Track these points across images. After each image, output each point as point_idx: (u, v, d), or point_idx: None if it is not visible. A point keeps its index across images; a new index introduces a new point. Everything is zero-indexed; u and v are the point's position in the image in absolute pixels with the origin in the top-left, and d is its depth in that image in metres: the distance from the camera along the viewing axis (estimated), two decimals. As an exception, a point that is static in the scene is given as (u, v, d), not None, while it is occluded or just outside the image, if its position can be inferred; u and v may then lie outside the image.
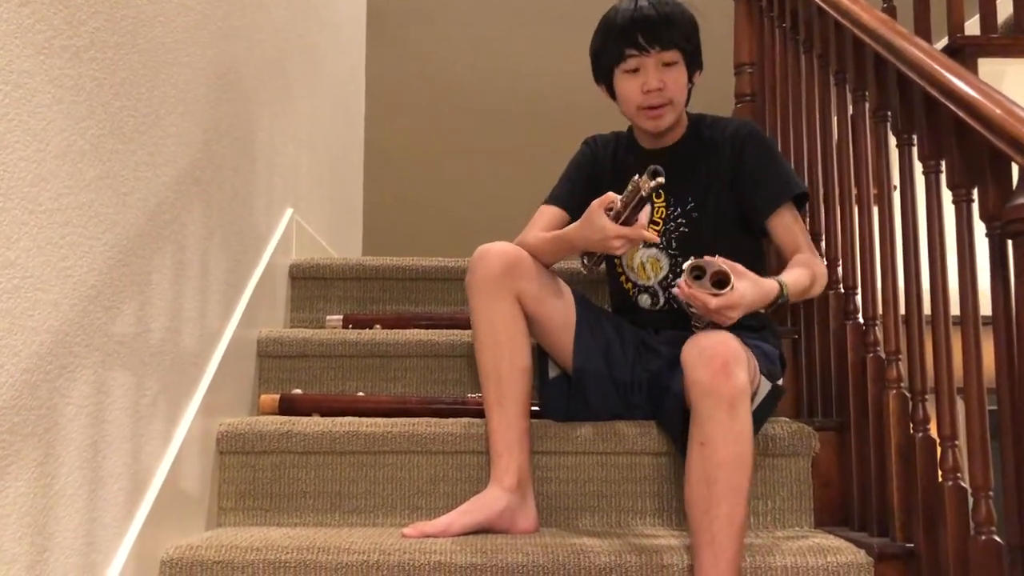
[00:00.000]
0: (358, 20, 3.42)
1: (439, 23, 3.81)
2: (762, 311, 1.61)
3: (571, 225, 1.72)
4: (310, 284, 2.34)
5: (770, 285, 1.58)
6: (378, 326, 2.21)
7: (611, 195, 1.62)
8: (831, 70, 1.90)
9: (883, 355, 1.66)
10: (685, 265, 1.53)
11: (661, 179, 1.53)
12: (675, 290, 1.55)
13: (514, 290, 1.71)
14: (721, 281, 1.50)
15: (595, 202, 1.64)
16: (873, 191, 1.79)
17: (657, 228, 1.82)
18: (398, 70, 3.78)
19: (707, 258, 1.52)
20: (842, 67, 1.83)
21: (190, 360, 1.69)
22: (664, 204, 1.84)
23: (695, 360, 1.49)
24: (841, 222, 1.85)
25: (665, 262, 1.83)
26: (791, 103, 2.12)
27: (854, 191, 1.81)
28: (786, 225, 1.78)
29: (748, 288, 1.53)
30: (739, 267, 1.54)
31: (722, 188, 1.82)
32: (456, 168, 3.78)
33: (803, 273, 1.67)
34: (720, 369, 1.46)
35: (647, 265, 1.84)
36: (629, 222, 1.59)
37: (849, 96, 1.81)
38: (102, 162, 1.32)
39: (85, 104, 1.27)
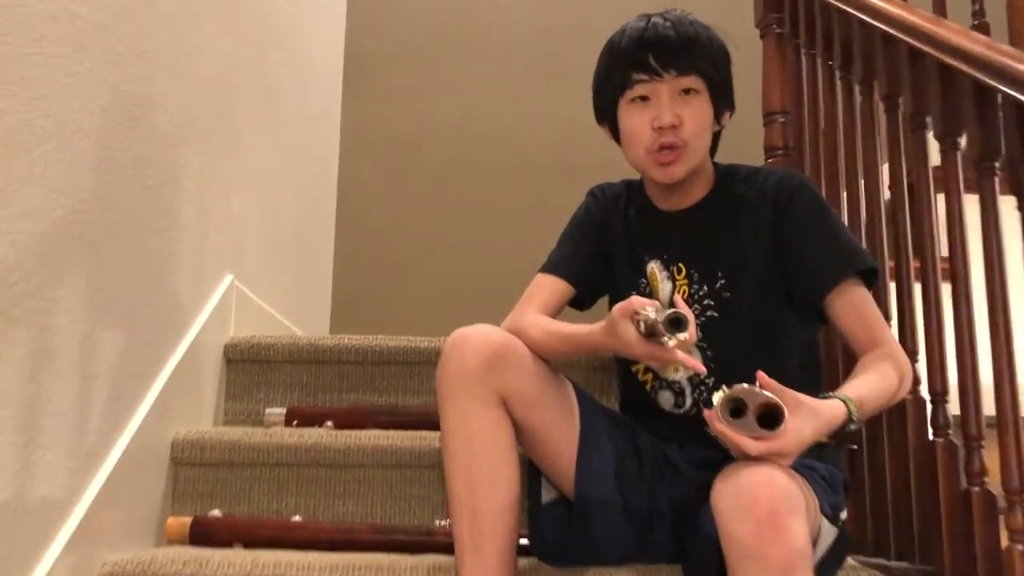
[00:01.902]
0: (333, 60, 3.05)
1: (425, 68, 3.45)
2: (824, 439, 1.18)
3: (592, 328, 1.30)
4: (250, 368, 1.91)
5: (834, 411, 1.15)
6: (329, 423, 1.78)
7: (636, 301, 1.21)
8: (901, 112, 1.51)
9: (994, 491, 1.24)
10: (716, 397, 1.10)
11: (684, 335, 1.14)
12: (710, 421, 1.12)
13: (499, 390, 1.29)
14: (768, 414, 1.08)
15: (616, 309, 1.23)
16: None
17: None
18: (378, 118, 3.39)
19: (745, 387, 1.09)
20: (921, 108, 1.42)
21: (56, 486, 1.25)
22: (686, 281, 1.42)
23: (731, 508, 1.07)
24: (925, 306, 1.43)
25: (692, 353, 1.41)
26: (842, 156, 1.72)
27: (940, 264, 1.40)
28: (855, 307, 1.35)
29: (805, 423, 1.10)
30: (795, 396, 1.11)
31: (762, 260, 1.40)
32: (445, 229, 3.36)
33: (879, 380, 1.24)
34: (767, 522, 1.03)
35: None
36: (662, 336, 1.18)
37: (932, 141, 1.40)
38: None
39: None
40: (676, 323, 1.12)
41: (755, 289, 1.39)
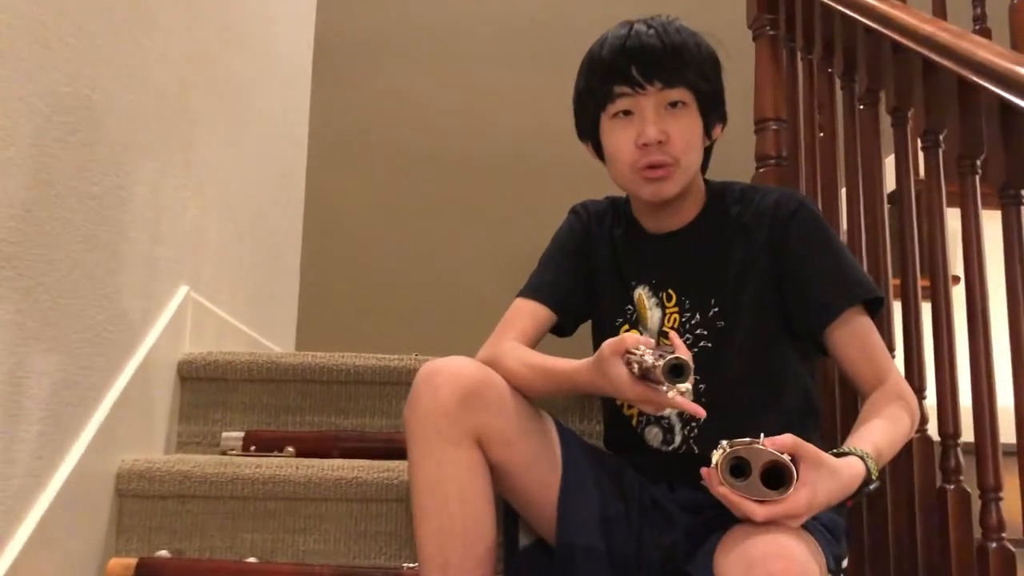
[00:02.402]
0: (302, 57, 2.90)
1: (402, 65, 3.30)
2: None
3: (579, 365, 1.19)
4: (206, 387, 1.77)
5: (854, 470, 1.03)
6: (291, 449, 1.66)
7: (630, 340, 1.09)
8: (909, 127, 1.40)
9: (1011, 547, 1.14)
10: (715, 455, 0.98)
11: (686, 385, 1.02)
12: (709, 483, 1.00)
13: (475, 430, 1.17)
14: (774, 473, 0.95)
15: (607, 346, 1.11)
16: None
17: (666, 343, 1.29)
18: (350, 117, 3.24)
19: (748, 443, 0.96)
20: (935, 123, 1.32)
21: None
22: (677, 309, 1.32)
23: None
24: (936, 333, 1.32)
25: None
26: (844, 168, 1.62)
27: (951, 283, 1.30)
28: (857, 339, 1.24)
29: (820, 483, 0.97)
30: (815, 454, 0.98)
31: (759, 287, 1.29)
32: (422, 233, 3.19)
33: (892, 426, 1.13)
34: None
35: None
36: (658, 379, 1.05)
37: (943, 160, 1.30)
38: None
39: None
40: (677, 370, 1.00)
41: (751, 318, 1.29)
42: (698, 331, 1.30)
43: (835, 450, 1.05)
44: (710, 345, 1.29)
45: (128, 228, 1.54)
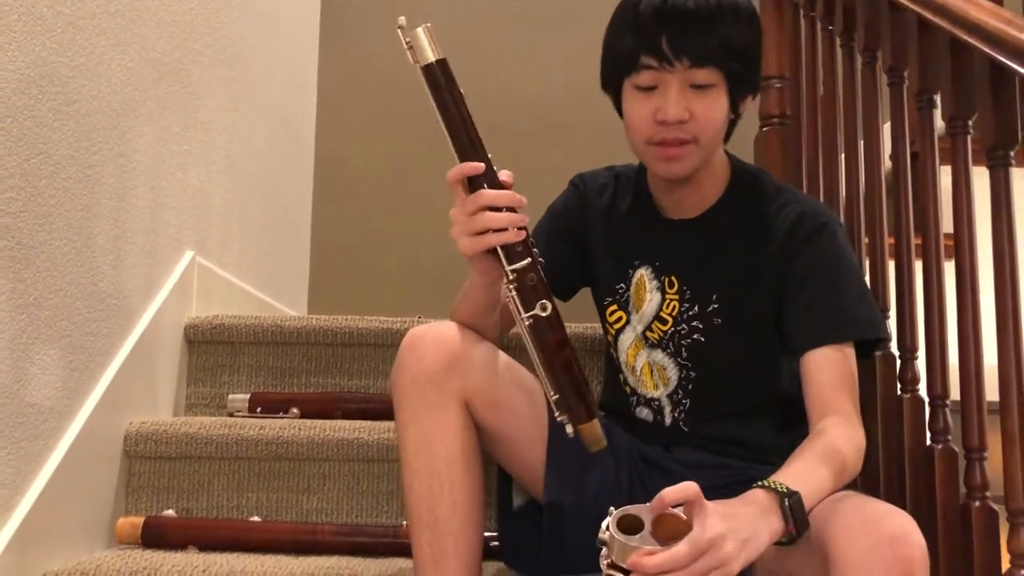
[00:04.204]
0: (308, 16, 2.89)
1: (412, 16, 3.27)
2: (784, 538, 0.99)
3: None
4: (212, 350, 1.81)
5: (756, 495, 0.98)
6: (295, 410, 1.69)
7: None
8: (906, 87, 1.38)
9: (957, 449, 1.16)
10: (606, 523, 0.94)
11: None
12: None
13: (459, 394, 1.19)
14: (669, 528, 0.92)
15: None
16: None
17: (664, 327, 1.29)
18: (359, 76, 3.23)
19: (634, 506, 0.94)
20: (928, 84, 1.30)
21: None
22: (677, 297, 1.29)
23: (870, 554, 0.93)
24: (927, 294, 1.32)
25: (673, 373, 1.29)
26: (842, 127, 1.60)
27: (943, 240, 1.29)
28: (823, 369, 1.17)
29: (730, 518, 0.92)
30: (700, 500, 0.92)
31: (761, 293, 1.25)
32: (435, 193, 3.20)
33: (821, 468, 1.05)
34: None
35: (654, 371, 1.31)
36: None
37: (939, 120, 1.28)
38: None
39: None
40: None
41: (748, 321, 1.26)
42: (694, 323, 1.27)
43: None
44: (703, 339, 1.27)
45: (129, 195, 1.56)
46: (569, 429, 1.09)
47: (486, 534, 1.26)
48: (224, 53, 2.04)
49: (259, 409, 1.70)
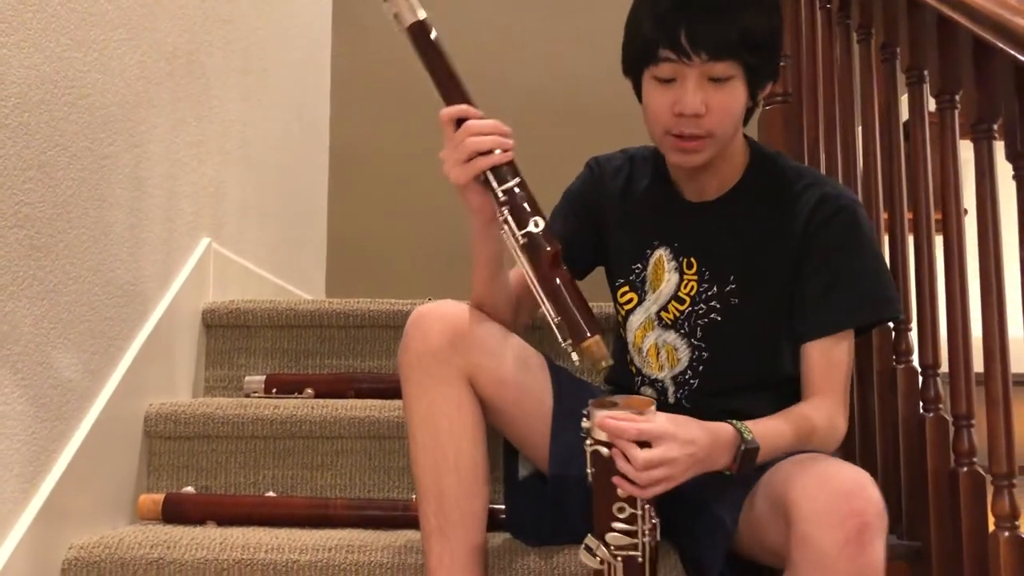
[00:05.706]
0: (320, 3, 2.93)
1: (427, 4, 3.31)
2: (726, 471, 1.11)
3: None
4: (229, 334, 1.86)
5: (720, 427, 1.11)
6: (309, 390, 1.74)
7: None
8: (898, 64, 1.41)
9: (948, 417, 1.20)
10: (586, 411, 1.09)
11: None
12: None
13: (464, 369, 1.23)
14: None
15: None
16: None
17: (681, 307, 1.31)
18: (373, 61, 3.26)
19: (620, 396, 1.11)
20: (918, 61, 1.32)
21: (12, 475, 1.22)
22: (696, 278, 1.31)
23: (825, 509, 0.99)
24: (918, 267, 1.35)
25: (685, 353, 1.31)
26: (838, 106, 1.62)
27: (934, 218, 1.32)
28: (822, 355, 1.23)
29: (687, 423, 1.08)
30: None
31: (779, 275, 1.27)
32: (449, 183, 3.23)
33: (786, 426, 1.16)
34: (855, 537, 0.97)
35: (662, 352, 1.33)
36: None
37: (929, 99, 1.31)
38: None
39: None
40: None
41: (765, 302, 1.28)
42: (712, 303, 1.30)
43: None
44: (719, 319, 1.29)
45: (145, 185, 1.62)
46: (575, 356, 1.12)
47: (494, 506, 1.31)
48: (236, 44, 2.09)
49: (275, 390, 1.75)
